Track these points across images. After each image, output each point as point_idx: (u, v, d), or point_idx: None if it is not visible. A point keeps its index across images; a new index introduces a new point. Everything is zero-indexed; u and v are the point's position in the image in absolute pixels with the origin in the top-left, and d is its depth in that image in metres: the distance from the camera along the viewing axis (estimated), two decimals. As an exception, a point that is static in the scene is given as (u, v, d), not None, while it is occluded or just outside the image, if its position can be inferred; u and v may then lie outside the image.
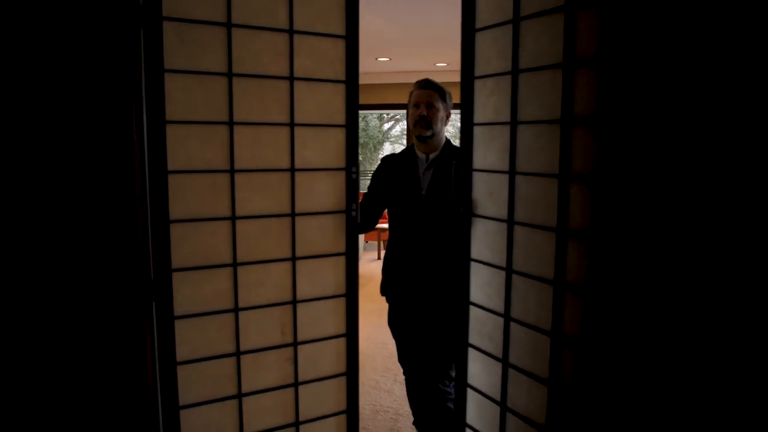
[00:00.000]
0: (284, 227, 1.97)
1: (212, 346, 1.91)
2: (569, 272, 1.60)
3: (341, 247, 2.09)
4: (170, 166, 1.75)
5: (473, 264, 1.99)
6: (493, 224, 1.87)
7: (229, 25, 1.81)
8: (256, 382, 1.99)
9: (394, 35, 5.46)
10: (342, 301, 2.11)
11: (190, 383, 1.89)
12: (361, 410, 3.26)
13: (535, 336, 1.73)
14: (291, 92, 1.93)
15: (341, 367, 2.14)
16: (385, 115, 15.66)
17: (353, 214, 2.07)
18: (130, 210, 1.68)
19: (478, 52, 2.00)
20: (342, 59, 2.01)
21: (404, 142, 8.57)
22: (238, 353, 1.95)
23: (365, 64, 7.38)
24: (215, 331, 1.91)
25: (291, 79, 1.92)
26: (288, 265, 1.99)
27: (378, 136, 16.07)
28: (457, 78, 2.21)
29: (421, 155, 2.40)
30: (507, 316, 1.85)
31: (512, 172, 1.78)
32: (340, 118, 2.04)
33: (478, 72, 1.99)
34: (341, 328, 2.13)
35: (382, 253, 7.72)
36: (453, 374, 2.37)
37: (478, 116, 1.95)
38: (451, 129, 14.37)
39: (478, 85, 1.98)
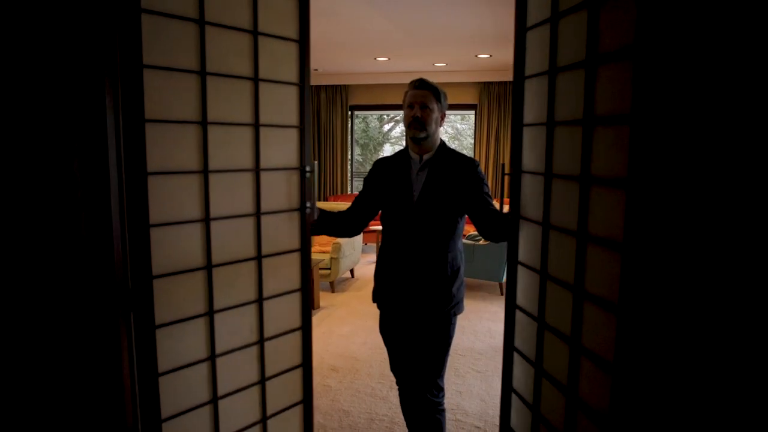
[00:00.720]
0: (250, 227, 1.99)
1: (190, 353, 1.87)
2: (590, 281, 1.53)
3: (296, 244, 2.16)
4: (149, 168, 1.67)
5: (519, 267, 2.00)
6: (534, 227, 1.85)
7: (202, 23, 1.76)
8: (230, 384, 2.00)
9: (393, 35, 5.38)
10: (298, 295, 2.20)
11: (171, 393, 1.82)
12: (356, 418, 3.17)
13: (560, 342, 1.70)
14: (255, 93, 1.94)
15: (298, 359, 2.24)
16: (385, 116, 15.61)
17: (307, 211, 2.15)
18: (105, 215, 1.59)
19: (528, 51, 1.93)
20: (296, 62, 2.06)
21: (404, 143, 8.48)
22: (213, 357, 1.92)
23: (364, 64, 7.31)
24: (192, 336, 1.87)
25: (256, 80, 1.94)
26: (254, 264, 2.03)
27: (378, 138, 16.02)
28: (455, 78, 2.13)
29: (414, 156, 2.30)
30: (541, 321, 1.83)
31: (548, 174, 1.73)
32: (295, 119, 2.09)
33: (528, 71, 1.94)
34: (298, 322, 2.21)
35: (381, 255, 7.63)
36: (442, 384, 2.34)
37: (527, 116, 1.93)
38: (450, 130, 14.30)
39: (527, 85, 1.94)
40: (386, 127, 16.24)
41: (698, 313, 1.23)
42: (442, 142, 2.35)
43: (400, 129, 15.70)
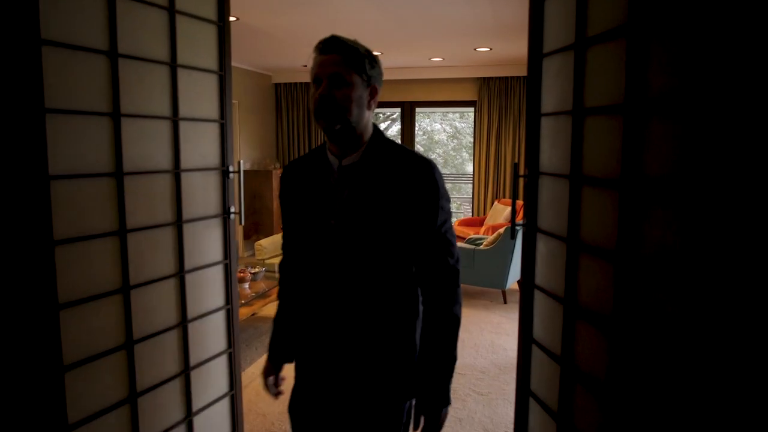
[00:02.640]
0: (170, 238, 1.70)
1: (106, 396, 1.52)
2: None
3: (219, 255, 1.87)
4: (51, 170, 1.27)
5: (536, 292, 1.59)
6: (555, 243, 1.44)
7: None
8: (152, 425, 1.71)
9: (385, 26, 4.99)
10: (223, 314, 1.92)
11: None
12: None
13: (591, 394, 1.31)
14: (173, 81, 1.63)
15: (225, 387, 1.97)
16: (381, 115, 15.24)
17: (232, 217, 1.83)
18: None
19: (548, 20, 1.50)
20: (215, 47, 1.78)
21: (399, 141, 8.10)
22: (134, 397, 1.61)
23: (356, 59, 6.92)
24: (108, 374, 1.52)
25: (174, 65, 1.62)
26: (175, 281, 1.73)
27: (373, 137, 15.61)
28: (453, 74, 1.73)
29: (332, 159, 1.43)
30: (567, 363, 1.40)
31: (576, 177, 1.30)
32: (216, 112, 1.80)
33: (548, 47, 1.50)
34: (223, 344, 1.95)
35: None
36: None
37: (546, 104, 1.49)
38: (449, 129, 13.89)
39: (546, 64, 1.51)
40: (382, 126, 15.87)
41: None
42: (376, 134, 1.44)
43: (396, 128, 15.33)
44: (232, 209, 1.79)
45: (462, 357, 3.99)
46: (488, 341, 4.34)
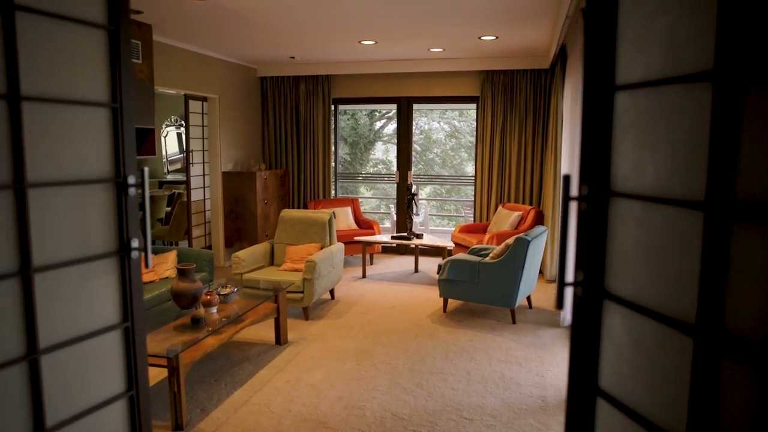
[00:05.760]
0: (10, 297, 1.00)
1: None
2: None
3: (114, 315, 1.17)
4: None
5: (600, 402, 0.91)
6: (644, 323, 0.80)
7: None
8: None
9: (380, 12, 4.37)
10: (121, 406, 1.19)
11: None
12: None
13: None
14: (6, 33, 0.94)
15: None
16: (377, 113, 14.66)
17: (133, 255, 1.15)
18: None
19: None
20: None
21: (397, 141, 7.54)
22: None
23: (345, 50, 6.30)
24: None
25: (11, 6, 0.95)
26: (22, 368, 1.02)
27: (369, 135, 15.08)
28: (453, 67, 1.09)
29: None
30: None
31: (716, 206, 0.69)
32: (103, 90, 1.11)
33: None
34: None
35: (368, 270, 6.62)
36: None
37: (625, 69, 0.84)
38: (447, 128, 13.28)
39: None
40: (378, 124, 15.31)
41: None
42: None
43: (392, 126, 14.76)
44: (134, 243, 1.16)
45: (468, 397, 3.37)
46: (498, 373, 3.72)
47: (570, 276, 0.90)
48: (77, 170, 1.05)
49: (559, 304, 1.03)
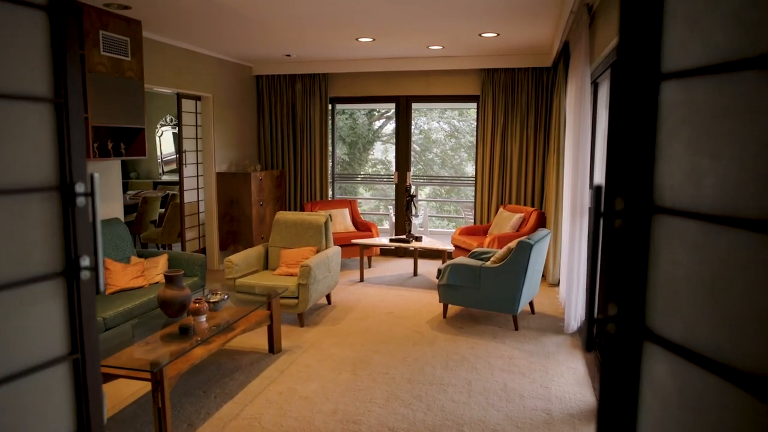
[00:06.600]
0: None
1: None
2: None
3: (61, 347, 0.97)
4: None
5: None
6: (705, 378, 0.62)
7: None
8: None
9: (378, 8, 4.21)
10: None
11: None
12: None
13: None
14: None
15: None
16: (375, 112, 14.50)
17: (83, 276, 0.95)
18: None
19: None
20: None
21: (395, 141, 7.38)
22: None
23: (343, 48, 6.13)
24: None
25: None
26: None
27: (368, 135, 14.93)
28: (453, 65, 0.92)
29: None
30: None
31: None
32: (44, 82, 0.93)
33: None
34: None
35: (366, 274, 6.45)
36: None
37: (675, 53, 0.68)
38: (447, 127, 13.11)
39: None
40: (377, 124, 15.15)
41: None
42: None
43: (391, 125, 14.59)
44: (84, 261, 1.00)
45: (469, 410, 3.21)
46: (500, 383, 3.56)
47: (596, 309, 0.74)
48: (12, 177, 0.89)
49: (589, 346, 0.86)
